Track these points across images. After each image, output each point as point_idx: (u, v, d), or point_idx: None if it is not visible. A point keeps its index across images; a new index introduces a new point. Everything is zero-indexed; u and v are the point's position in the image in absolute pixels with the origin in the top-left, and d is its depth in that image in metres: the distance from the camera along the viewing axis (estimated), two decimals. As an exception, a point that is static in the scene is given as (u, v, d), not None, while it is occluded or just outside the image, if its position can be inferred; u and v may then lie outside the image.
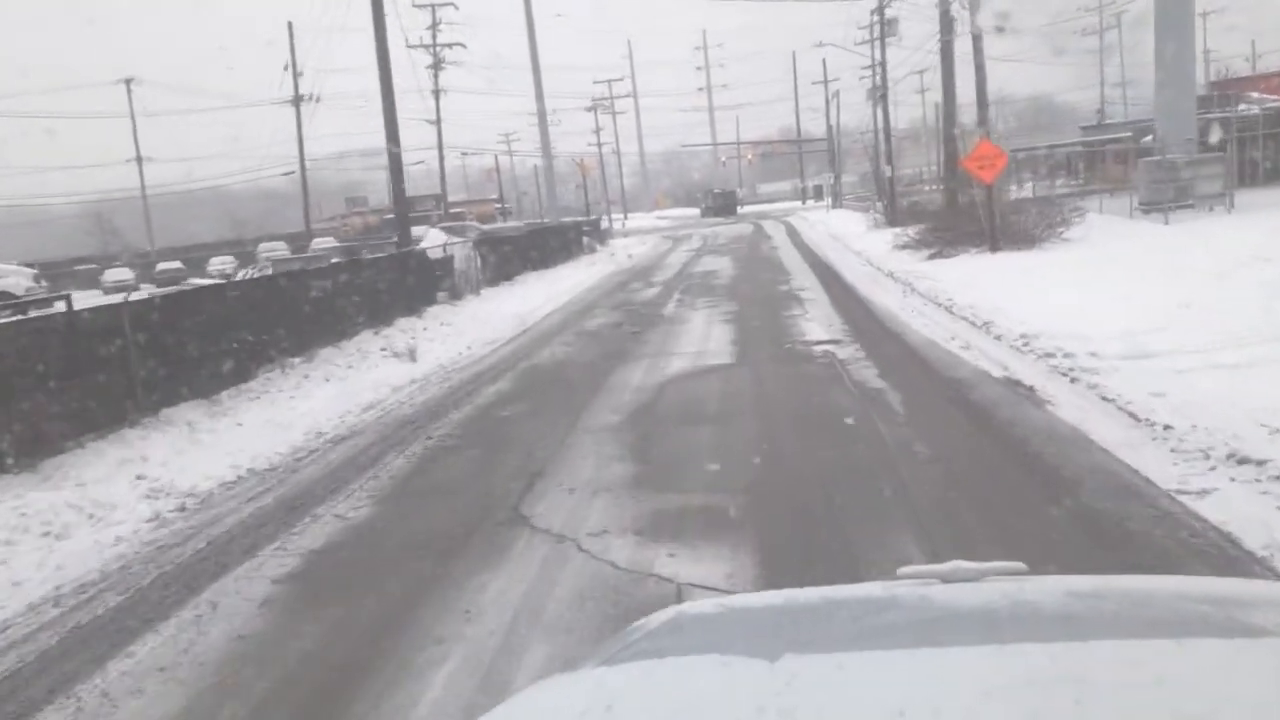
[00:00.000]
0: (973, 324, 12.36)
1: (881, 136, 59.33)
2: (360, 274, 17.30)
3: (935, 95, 79.57)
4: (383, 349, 14.96)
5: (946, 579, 1.52)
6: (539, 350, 14.56)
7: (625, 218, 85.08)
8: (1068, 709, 1.08)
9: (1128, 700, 1.09)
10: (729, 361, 12.01)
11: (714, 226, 56.29)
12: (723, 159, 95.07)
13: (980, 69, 19.49)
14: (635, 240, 48.22)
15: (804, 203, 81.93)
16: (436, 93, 52.45)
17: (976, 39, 19.03)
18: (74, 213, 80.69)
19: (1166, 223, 22.30)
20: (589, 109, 73.88)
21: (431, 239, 28.10)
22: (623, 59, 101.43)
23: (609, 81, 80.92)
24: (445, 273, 22.67)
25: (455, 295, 21.76)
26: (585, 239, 41.47)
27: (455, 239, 28.46)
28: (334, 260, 21.70)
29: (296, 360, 13.93)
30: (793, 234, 40.98)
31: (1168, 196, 23.99)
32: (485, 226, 41.83)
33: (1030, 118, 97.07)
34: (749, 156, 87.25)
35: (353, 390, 11.95)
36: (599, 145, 74.93)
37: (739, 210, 77.45)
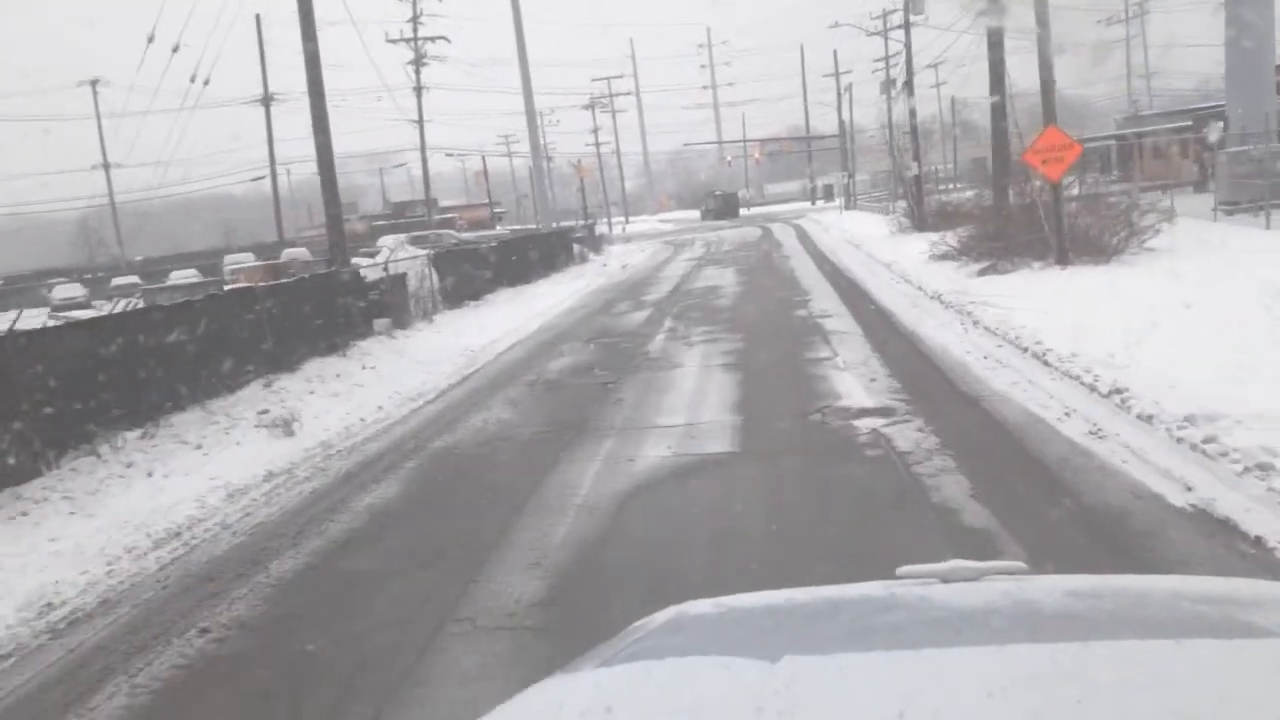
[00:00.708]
0: (1091, 389, 8.37)
1: (903, 129, 55.42)
2: (255, 307, 13.39)
3: (950, 90, 75.32)
4: (263, 412, 11.06)
5: (946, 579, 1.51)
6: (469, 415, 10.64)
7: (626, 221, 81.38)
8: (1068, 709, 1.08)
9: (1127, 700, 1.10)
10: (729, 449, 8.07)
11: (718, 231, 52.29)
12: (728, 158, 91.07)
13: (1044, 23, 15.48)
14: (634, 247, 44.31)
15: (813, 203, 77.95)
16: (418, 90, 48.68)
17: (1041, -1, 15.06)
18: (70, 219, 77.56)
19: (1267, 226, 18.33)
20: (586, 107, 69.97)
21: (386, 253, 24.23)
22: (625, 57, 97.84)
23: (608, 79, 76.98)
24: (395, 295, 18.81)
25: (401, 323, 17.87)
26: (577, 246, 37.61)
27: (419, 251, 24.59)
28: (231, 287, 17.76)
29: (133, 434, 10.05)
30: (805, 239, 36.99)
31: (1258, 194, 20.03)
32: (465, 235, 37.93)
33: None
34: (755, 155, 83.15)
35: (169, 497, 8.04)
36: (597, 145, 70.99)
37: (741, 213, 73.71)
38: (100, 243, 78.77)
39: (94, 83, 56.20)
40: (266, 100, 45.55)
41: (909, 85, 29.11)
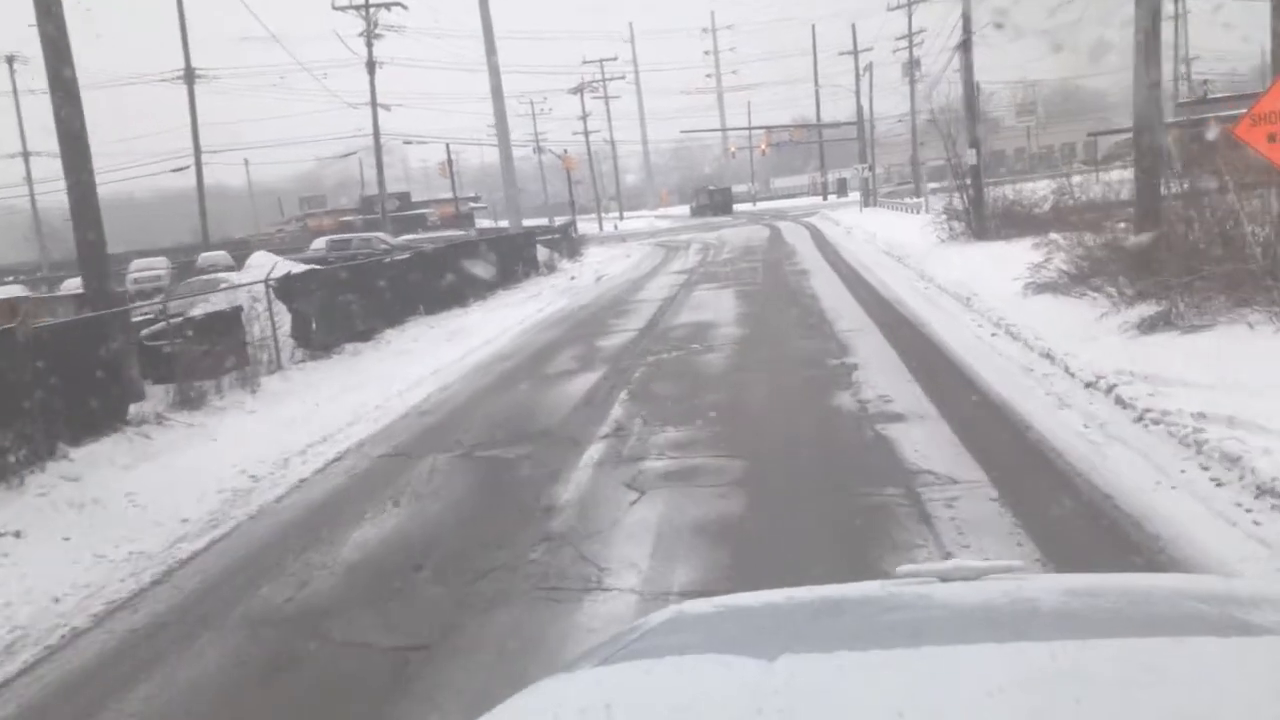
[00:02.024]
0: None
1: (920, 116, 48.24)
2: None
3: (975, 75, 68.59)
4: None
5: (946, 578, 1.51)
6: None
7: (620, 217, 74.72)
8: (1067, 707, 1.07)
9: (1127, 698, 1.09)
10: None
11: (718, 230, 45.36)
12: (732, 150, 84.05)
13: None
14: (619, 251, 37.48)
15: (824, 199, 70.98)
16: (371, 65, 41.81)
17: None
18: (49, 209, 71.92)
19: None
20: (574, 91, 62.97)
21: (255, 266, 17.42)
22: (624, 41, 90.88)
23: (600, 61, 69.86)
24: (222, 342, 12.13)
25: (194, 399, 11.07)
26: (546, 251, 30.78)
27: (296, 267, 17.79)
28: None
29: None
30: (824, 245, 30.06)
31: None
32: (394, 240, 30.98)
33: (1058, 104, 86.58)
34: (762, 147, 75.98)
35: None
36: (586, 134, 64.07)
37: (736, 209, 67.78)
38: (54, 236, 72.92)
39: (10, 59, 49.40)
40: (189, 75, 38.68)
41: (966, 44, 22.12)
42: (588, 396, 10.65)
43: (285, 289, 14.08)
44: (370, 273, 17.45)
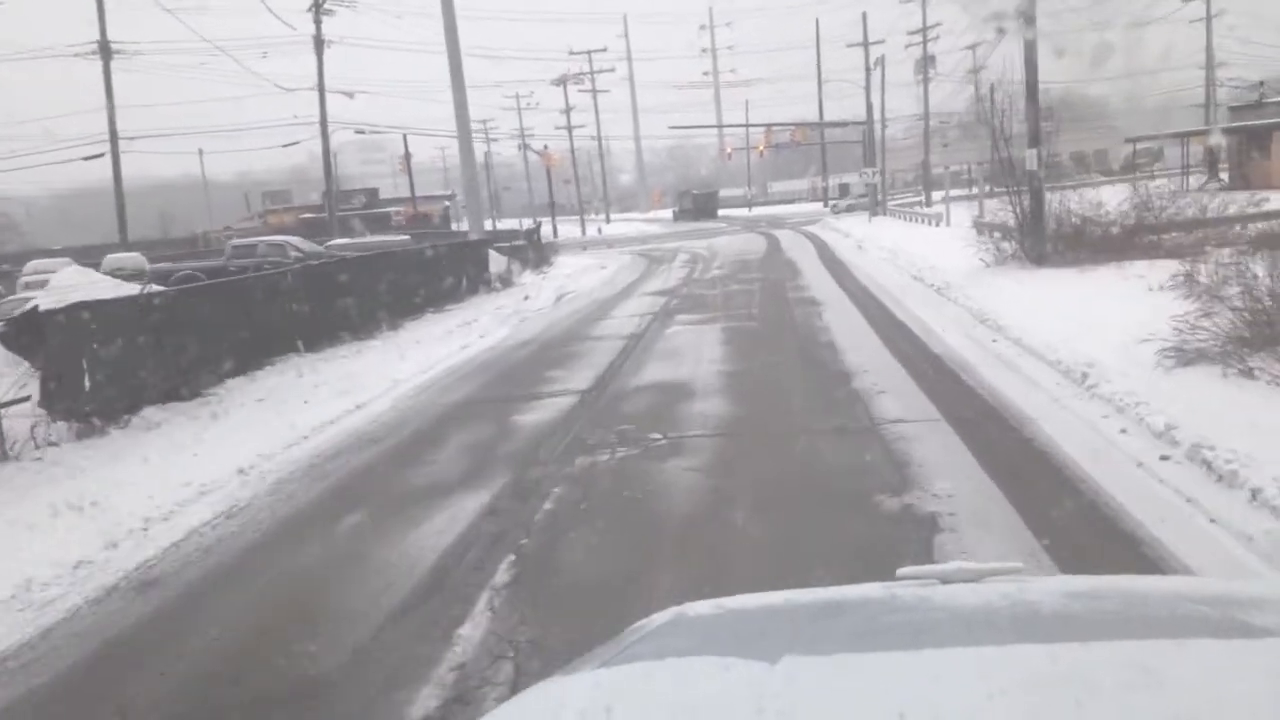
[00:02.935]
0: None
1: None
2: None
3: (989, 74, 64.04)
4: None
5: (946, 580, 1.49)
6: None
7: (607, 220, 70.13)
8: (1067, 709, 1.07)
9: (1127, 700, 1.08)
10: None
11: (709, 238, 40.53)
12: (729, 151, 79.23)
13: None
14: (594, 261, 32.67)
15: (826, 204, 66.19)
16: (319, 42, 36.90)
17: None
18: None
19: None
20: (556, 82, 58.10)
21: (59, 287, 12.51)
22: (619, 37, 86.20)
23: (588, 53, 65.04)
24: None
25: None
26: (503, 261, 25.96)
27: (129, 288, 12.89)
28: None
29: None
30: (833, 264, 25.18)
31: None
32: (308, 247, 26.02)
33: (1060, 112, 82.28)
34: (760, 148, 71.13)
35: None
36: (569, 128, 59.23)
37: (724, 215, 63.90)
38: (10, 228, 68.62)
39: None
40: (105, 47, 33.65)
41: (1028, 15, 17.23)
42: (438, 570, 5.79)
43: (32, 331, 9.17)
44: (206, 299, 12.48)
